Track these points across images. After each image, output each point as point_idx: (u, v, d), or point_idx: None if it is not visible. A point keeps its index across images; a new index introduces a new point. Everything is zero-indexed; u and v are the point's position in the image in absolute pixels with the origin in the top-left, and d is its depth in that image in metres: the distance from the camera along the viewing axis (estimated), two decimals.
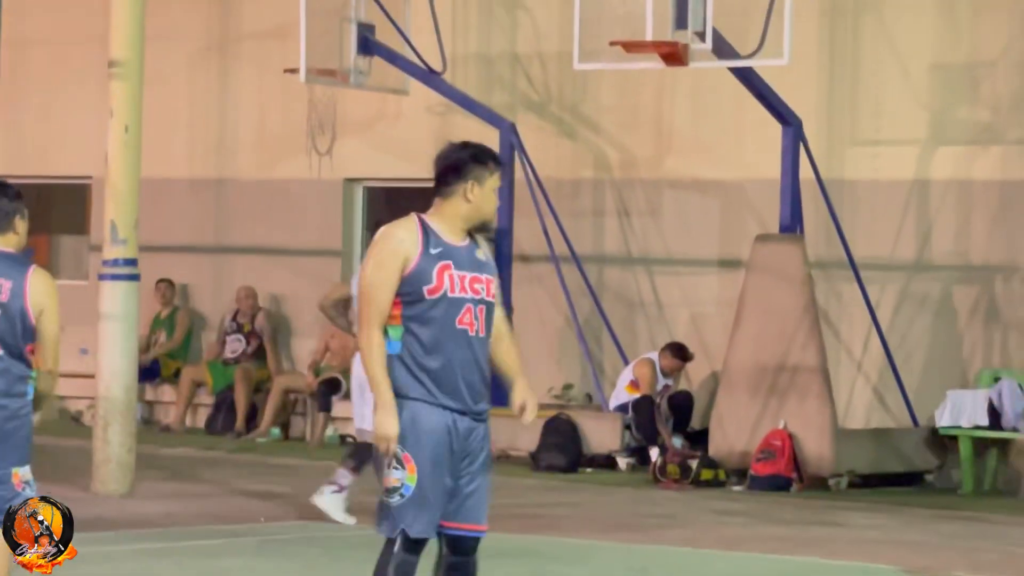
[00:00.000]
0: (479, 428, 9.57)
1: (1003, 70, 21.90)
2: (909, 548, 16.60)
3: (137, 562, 14.80)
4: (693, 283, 23.48)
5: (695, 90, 22.86)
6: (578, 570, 15.13)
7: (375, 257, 9.54)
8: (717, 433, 21.48)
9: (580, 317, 23.00)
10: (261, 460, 22.57)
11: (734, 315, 21.54)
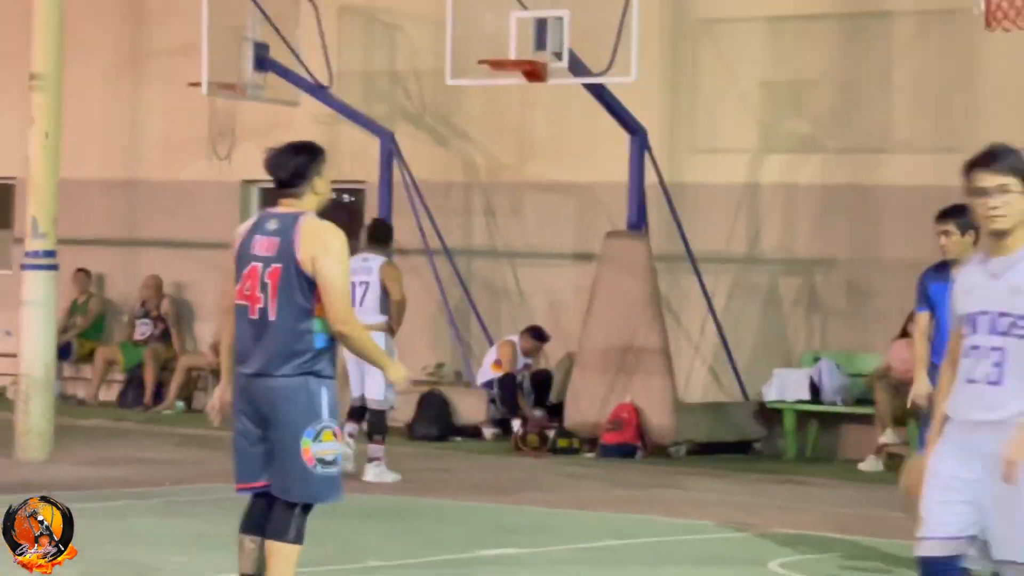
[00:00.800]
0: None
1: (823, 88, 22.08)
2: (739, 508, 16.71)
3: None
4: (551, 274, 23.53)
5: (553, 103, 22.90)
6: (449, 527, 15.15)
7: (343, 259, 9.58)
8: (572, 407, 21.56)
9: (451, 304, 23.06)
10: (167, 430, 22.50)
11: (587, 302, 21.61)
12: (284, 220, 9.73)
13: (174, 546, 13.45)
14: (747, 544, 14.55)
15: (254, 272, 9.65)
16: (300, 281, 9.57)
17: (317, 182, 9.86)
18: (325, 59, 23.80)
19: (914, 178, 21.33)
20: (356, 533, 13.54)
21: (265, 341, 9.67)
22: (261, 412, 9.71)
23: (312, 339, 9.66)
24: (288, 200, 9.86)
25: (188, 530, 13.98)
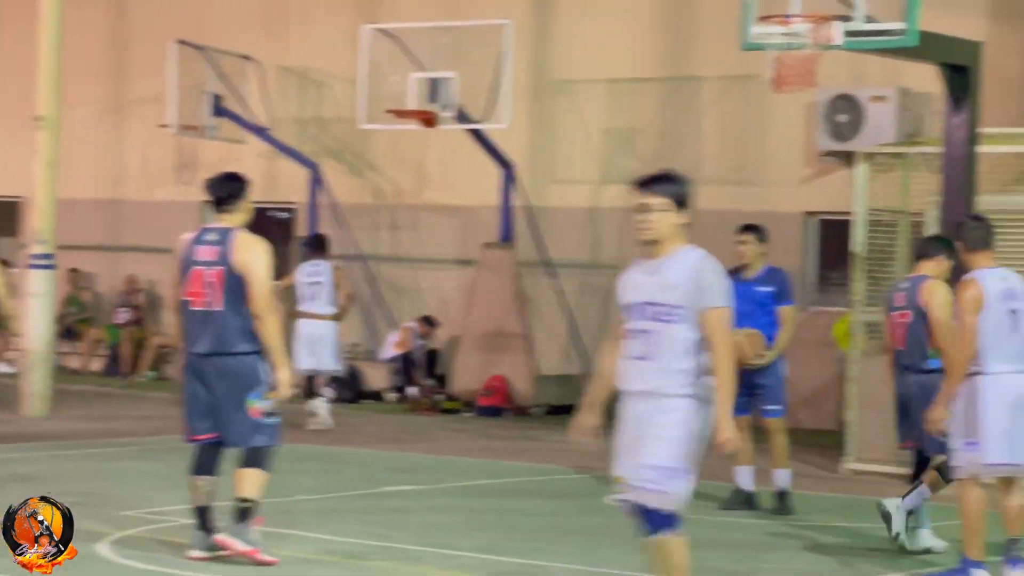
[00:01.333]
0: None
1: (649, 134, 22.14)
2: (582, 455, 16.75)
3: (54, 463, 14.69)
4: (440, 275, 23.54)
5: (443, 144, 22.89)
6: (359, 469, 15.19)
7: (266, 263, 9.79)
8: (455, 377, 21.62)
9: (363, 297, 23.03)
10: (141, 394, 22.38)
11: (468, 298, 21.68)
12: (221, 234, 9.88)
13: (144, 483, 13.44)
14: (587, 483, 14.63)
15: (199, 274, 9.79)
16: (235, 280, 9.72)
17: (245, 205, 10.06)
18: (266, 107, 23.77)
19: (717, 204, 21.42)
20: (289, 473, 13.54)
21: (212, 327, 9.78)
22: (212, 382, 9.82)
23: (249, 323, 9.78)
24: (224, 217, 10.00)
25: (156, 471, 13.96)
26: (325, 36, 24.13)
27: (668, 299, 7.62)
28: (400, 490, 13.72)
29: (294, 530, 11.12)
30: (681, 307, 7.62)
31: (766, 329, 12.94)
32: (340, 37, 23.46)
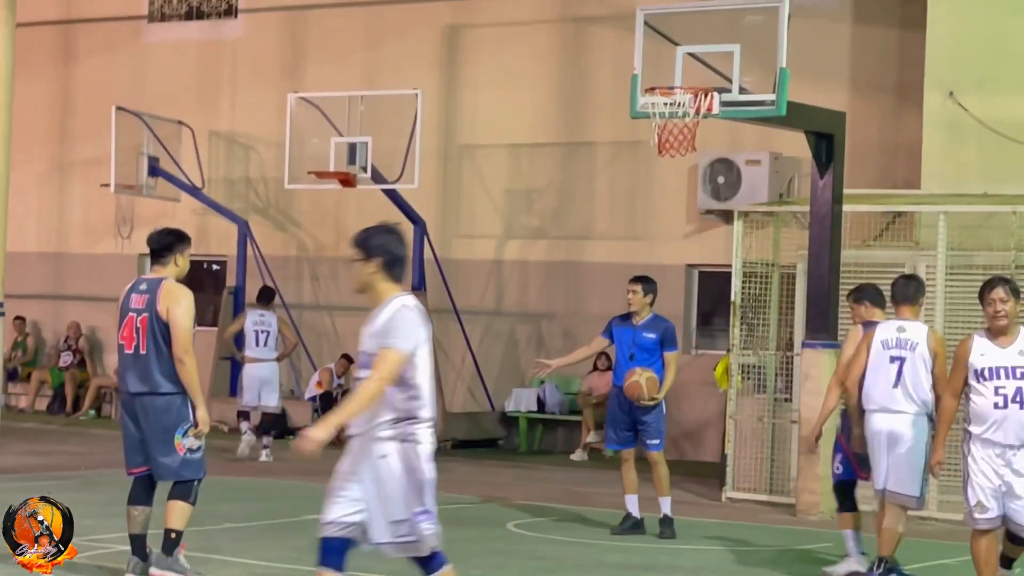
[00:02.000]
0: None
1: (547, 194, 22.24)
2: (486, 485, 16.77)
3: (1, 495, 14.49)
4: (358, 322, 23.29)
5: (360, 201, 22.82)
6: (282, 500, 15.06)
7: (188, 310, 9.74)
8: None
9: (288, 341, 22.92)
10: (83, 431, 22.14)
11: None
12: (151, 283, 9.93)
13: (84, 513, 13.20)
14: (492, 511, 14.63)
15: (131, 320, 9.81)
16: (160, 325, 9.71)
17: (179, 258, 10.03)
18: (199, 168, 23.65)
19: (609, 257, 21.61)
20: (218, 503, 13.45)
21: (140, 369, 9.76)
22: (142, 420, 9.78)
23: (172, 366, 9.75)
24: (157, 268, 10.02)
25: (95, 501, 13.75)
26: (252, 104, 24.08)
27: (369, 347, 7.38)
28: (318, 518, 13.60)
29: (219, 555, 11.02)
30: (375, 354, 7.32)
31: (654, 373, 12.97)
32: (266, 105, 23.42)
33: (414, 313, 7.53)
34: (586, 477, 18.00)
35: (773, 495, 16.00)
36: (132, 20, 25.53)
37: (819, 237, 15.06)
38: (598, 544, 12.57)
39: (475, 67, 22.77)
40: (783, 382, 16.37)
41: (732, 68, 13.71)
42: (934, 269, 15.27)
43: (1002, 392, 9.06)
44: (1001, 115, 16.69)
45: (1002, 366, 9.10)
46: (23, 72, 21.61)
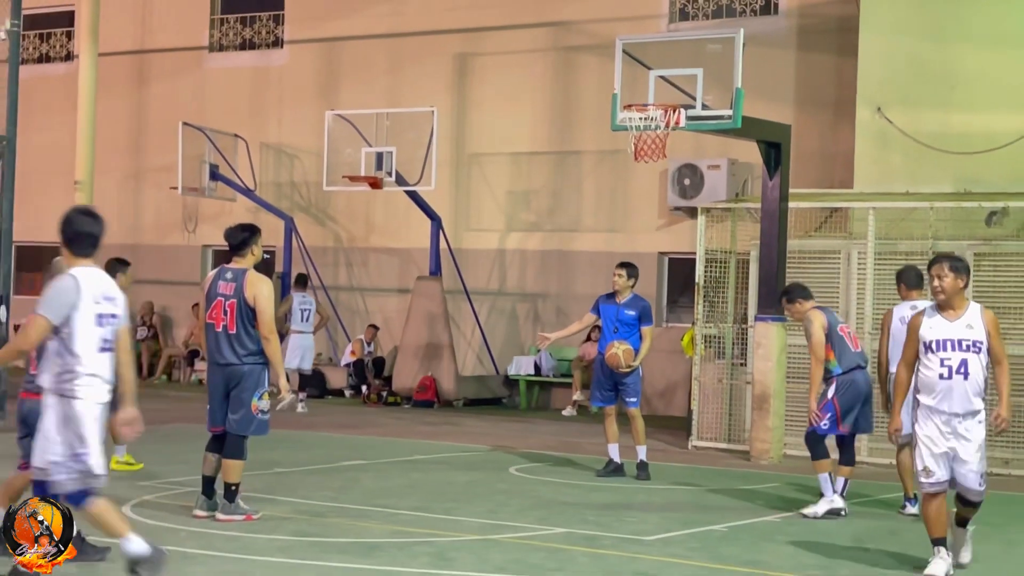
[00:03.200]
0: None
1: (542, 194, 22.25)
2: (492, 437, 16.80)
3: None
4: (384, 301, 23.51)
5: (386, 201, 22.91)
6: (322, 449, 15.08)
7: (270, 296, 9.73)
8: (396, 378, 21.53)
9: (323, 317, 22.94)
10: (157, 393, 22.08)
11: (406, 317, 21.65)
12: (236, 273, 9.90)
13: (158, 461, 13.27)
14: (497, 457, 14.63)
15: (219, 304, 9.80)
16: (246, 309, 9.73)
17: (254, 248, 10.00)
18: (252, 173, 23.67)
19: (593, 247, 21.63)
20: (268, 451, 13.49)
21: (228, 344, 9.79)
22: (228, 385, 9.82)
23: (257, 342, 9.79)
24: (237, 259, 9.98)
25: (168, 452, 13.79)
26: (295, 120, 24.08)
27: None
28: (353, 464, 13.65)
29: (271, 495, 11.05)
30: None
31: (633, 343, 12.97)
32: (307, 120, 23.43)
33: (73, 283, 7.05)
34: (575, 429, 18.02)
35: (731, 443, 16.02)
36: (195, 50, 25.51)
37: (769, 229, 15.06)
38: (585, 485, 12.60)
39: (481, 88, 22.76)
40: (739, 350, 16.38)
41: (696, 88, 13.70)
42: (865, 255, 15.28)
43: (947, 364, 8.21)
44: (920, 127, 16.70)
45: (948, 339, 8.25)
46: (104, 95, 21.60)
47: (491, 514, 10.53)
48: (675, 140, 14.85)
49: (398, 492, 11.68)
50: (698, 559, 8.92)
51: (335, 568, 8.24)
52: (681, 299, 20.98)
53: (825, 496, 10.88)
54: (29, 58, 26.85)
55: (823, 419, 10.95)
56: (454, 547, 9.10)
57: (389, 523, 9.97)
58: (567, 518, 10.43)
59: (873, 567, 8.92)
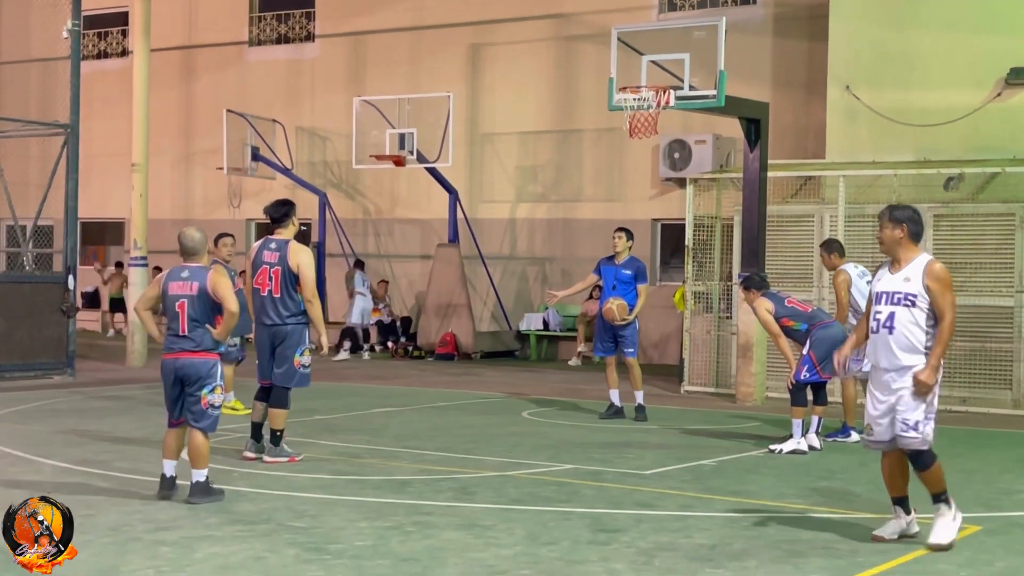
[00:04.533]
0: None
1: (548, 168, 22.21)
2: (507, 385, 16.84)
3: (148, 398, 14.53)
4: (408, 266, 23.52)
5: (409, 177, 22.88)
6: (358, 397, 15.11)
7: (311, 264, 9.68)
8: (420, 334, 21.57)
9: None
10: None
11: (428, 280, 21.66)
12: (280, 243, 9.90)
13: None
14: (511, 404, 14.65)
15: (264, 271, 9.80)
16: (290, 275, 9.73)
17: (294, 219, 9.97)
18: (289, 154, 23.64)
19: (594, 215, 21.59)
20: (309, 400, 13.55)
21: (273, 307, 9.78)
22: (274, 342, 9.82)
23: (299, 305, 9.78)
24: (279, 231, 9.94)
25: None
26: (327, 106, 24.03)
27: None
28: (383, 411, 13.69)
29: (312, 440, 11.10)
30: None
31: (630, 299, 12.98)
32: (337, 106, 23.38)
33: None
34: (580, 378, 18.05)
35: (719, 388, 16.04)
36: (237, 45, 25.43)
37: (750, 196, 15.02)
38: (590, 426, 12.63)
39: (492, 75, 22.67)
40: (725, 304, 16.39)
41: (684, 72, 13.64)
42: (836, 219, 15.24)
43: (877, 317, 7.06)
44: (884, 103, 16.61)
45: (885, 291, 7.11)
46: (157, 87, 21.56)
47: (507, 453, 10.56)
48: (665, 118, 14.81)
49: (424, 435, 11.73)
50: (690, 490, 8.95)
51: (371, 503, 8.28)
52: (673, 260, 20.96)
53: (793, 438, 10.92)
54: (88, 55, 26.81)
55: (802, 371, 11.02)
56: (475, 483, 9.14)
57: (417, 462, 10.01)
58: (574, 456, 10.45)
59: (844, 494, 8.95)
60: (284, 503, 8.21)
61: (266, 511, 7.92)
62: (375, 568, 6.49)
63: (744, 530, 7.60)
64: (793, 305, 11.28)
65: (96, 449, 10.45)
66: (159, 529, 7.36)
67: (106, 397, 14.59)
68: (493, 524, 7.59)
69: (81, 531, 7.23)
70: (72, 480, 8.97)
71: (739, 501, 8.54)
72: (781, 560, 6.80)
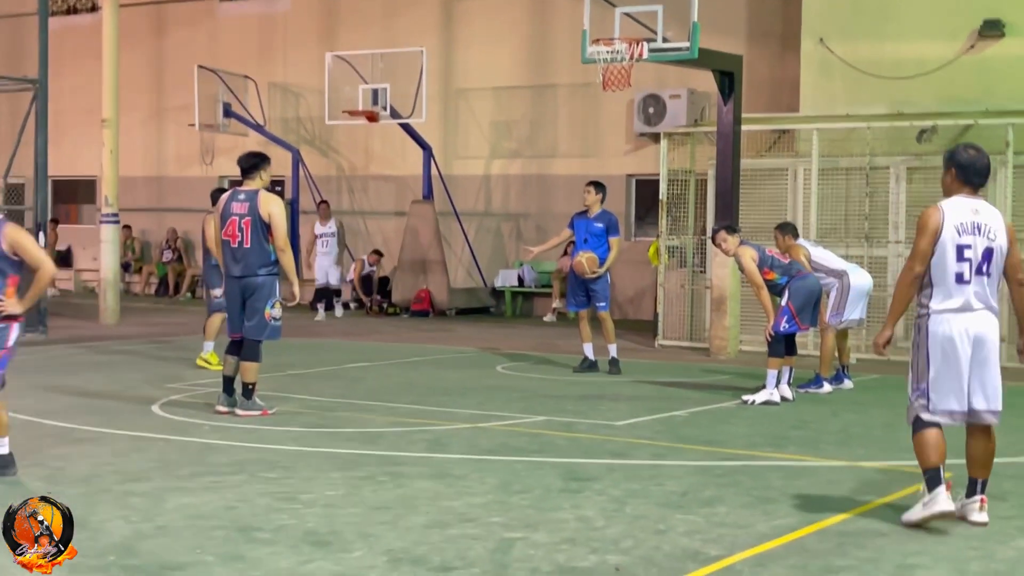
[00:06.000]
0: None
1: (522, 124, 22.12)
2: (482, 340, 16.85)
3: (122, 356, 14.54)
4: (384, 223, 23.45)
5: (382, 133, 22.77)
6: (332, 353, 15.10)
7: (283, 213, 9.63)
8: (396, 291, 21.53)
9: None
10: (182, 309, 22.14)
11: (402, 237, 21.61)
12: (249, 194, 9.81)
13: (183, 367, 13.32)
14: (486, 358, 14.69)
15: (234, 222, 9.72)
16: (261, 225, 9.66)
17: (263, 174, 9.90)
18: (261, 110, 23.49)
19: (568, 171, 21.55)
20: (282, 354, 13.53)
21: (243, 258, 9.72)
22: (244, 295, 9.77)
23: (270, 256, 9.73)
24: (248, 182, 9.88)
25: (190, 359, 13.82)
26: (300, 61, 23.86)
27: None
28: (358, 366, 13.70)
29: (285, 393, 11.11)
30: None
31: (601, 252, 13.00)
32: (310, 61, 23.21)
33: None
34: (555, 333, 18.10)
35: (693, 342, 16.11)
36: (207, 0, 25.21)
37: (724, 150, 15.03)
38: (564, 380, 12.68)
39: (467, 30, 22.55)
40: (699, 259, 16.42)
41: (657, 23, 13.60)
42: (810, 172, 15.28)
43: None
44: (858, 56, 16.61)
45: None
46: (127, 43, 21.38)
47: (480, 406, 10.60)
48: (639, 72, 14.75)
49: (398, 389, 11.75)
50: (662, 440, 9.01)
51: (343, 454, 8.30)
52: (648, 216, 20.97)
53: (767, 388, 10.96)
54: (58, 10, 26.54)
55: (781, 322, 11.03)
56: (448, 434, 9.17)
57: (390, 415, 10.03)
58: (547, 408, 10.49)
59: (816, 443, 9.02)
60: (256, 455, 8.22)
61: (238, 462, 7.93)
62: (346, 516, 6.52)
63: (715, 478, 7.65)
64: (773, 255, 11.30)
65: (66, 403, 10.44)
66: (129, 480, 7.37)
67: (78, 353, 14.56)
68: (465, 474, 7.62)
69: (52, 482, 7.24)
70: (42, 433, 8.95)
71: (711, 450, 8.60)
72: (751, 506, 6.86)
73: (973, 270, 6.23)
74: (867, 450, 8.71)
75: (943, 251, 6.22)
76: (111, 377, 12.32)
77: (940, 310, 6.24)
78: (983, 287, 6.25)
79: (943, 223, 6.23)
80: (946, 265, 6.22)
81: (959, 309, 6.22)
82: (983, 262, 6.25)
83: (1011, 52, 15.69)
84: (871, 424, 9.87)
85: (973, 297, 6.23)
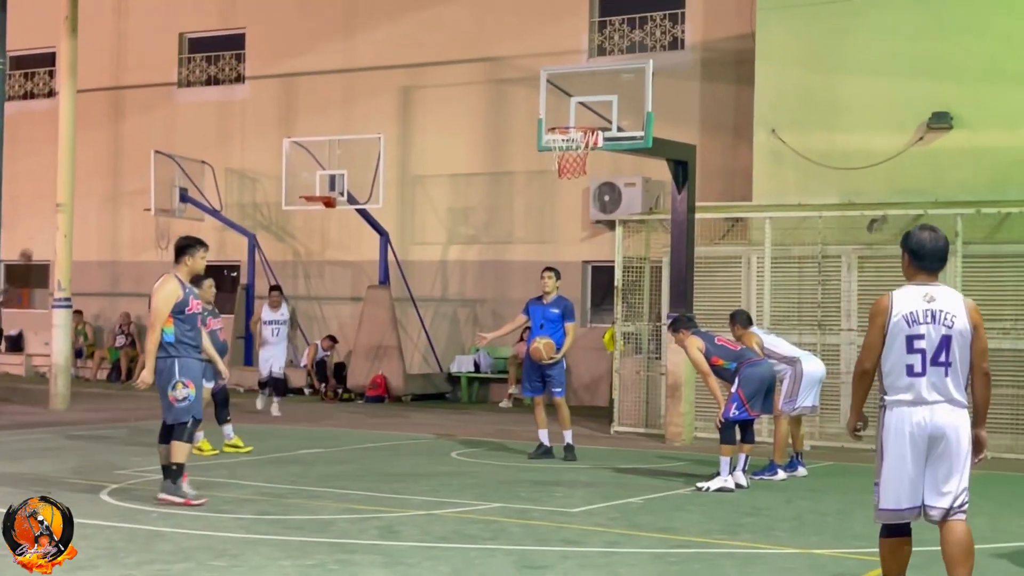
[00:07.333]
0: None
1: (479, 210, 22.25)
2: (437, 427, 16.73)
3: (71, 441, 14.33)
4: (339, 308, 23.39)
5: (340, 218, 22.80)
6: (284, 440, 14.95)
7: (161, 298, 9.53)
8: (351, 377, 21.43)
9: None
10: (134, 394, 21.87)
11: (359, 322, 21.54)
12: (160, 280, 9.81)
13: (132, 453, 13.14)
14: (441, 444, 14.60)
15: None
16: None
17: (188, 259, 9.83)
18: (218, 195, 23.49)
19: (525, 256, 21.63)
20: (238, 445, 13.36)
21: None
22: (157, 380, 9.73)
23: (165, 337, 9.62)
24: (175, 267, 9.89)
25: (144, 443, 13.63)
26: (257, 147, 23.94)
27: None
28: (311, 452, 13.56)
29: (237, 480, 10.96)
30: None
31: (557, 338, 13.03)
32: (268, 147, 23.29)
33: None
34: (511, 419, 18.02)
35: (648, 428, 16.09)
36: (166, 86, 25.31)
37: (678, 238, 15.15)
38: (518, 466, 12.60)
39: (424, 118, 22.74)
40: (654, 345, 16.47)
41: (612, 113, 13.77)
42: (763, 260, 15.42)
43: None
44: (809, 146, 16.87)
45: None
46: (83, 126, 21.39)
47: (434, 492, 10.50)
48: (595, 160, 14.92)
49: (351, 475, 11.62)
50: (617, 527, 8.95)
51: (294, 541, 8.18)
52: (603, 302, 21.05)
53: (721, 475, 10.94)
54: (15, 95, 26.56)
55: (731, 409, 11.06)
56: (400, 521, 9.06)
57: (342, 502, 9.91)
58: (502, 495, 10.41)
59: (770, 531, 8.99)
60: (204, 542, 8.08)
61: (185, 550, 7.79)
62: None
63: (669, 565, 7.59)
64: (723, 343, 11.39)
65: (11, 490, 10.24)
66: (76, 569, 7.20)
67: (26, 440, 14.32)
68: (418, 562, 7.52)
69: None
70: None
71: (665, 537, 8.54)
72: None
73: (928, 361, 5.85)
74: (820, 537, 8.69)
75: (892, 343, 5.91)
76: (59, 463, 12.12)
77: (893, 402, 5.92)
78: (940, 378, 5.85)
79: (890, 314, 5.93)
80: (896, 357, 5.89)
81: (912, 402, 5.85)
82: (939, 352, 5.86)
83: (959, 144, 15.99)
84: (825, 511, 9.86)
85: (929, 389, 5.84)
